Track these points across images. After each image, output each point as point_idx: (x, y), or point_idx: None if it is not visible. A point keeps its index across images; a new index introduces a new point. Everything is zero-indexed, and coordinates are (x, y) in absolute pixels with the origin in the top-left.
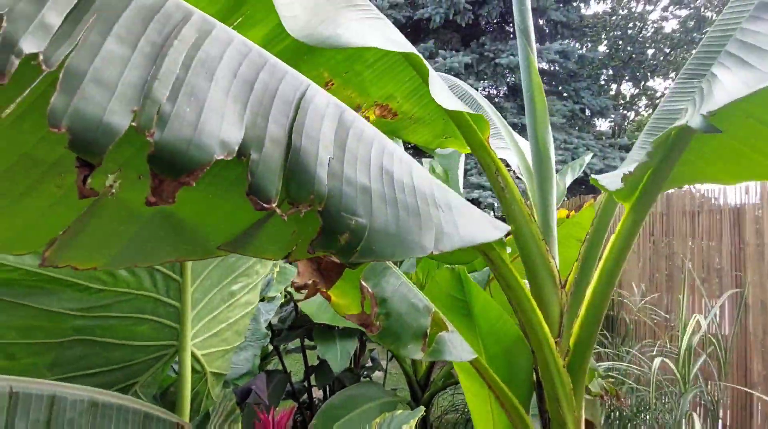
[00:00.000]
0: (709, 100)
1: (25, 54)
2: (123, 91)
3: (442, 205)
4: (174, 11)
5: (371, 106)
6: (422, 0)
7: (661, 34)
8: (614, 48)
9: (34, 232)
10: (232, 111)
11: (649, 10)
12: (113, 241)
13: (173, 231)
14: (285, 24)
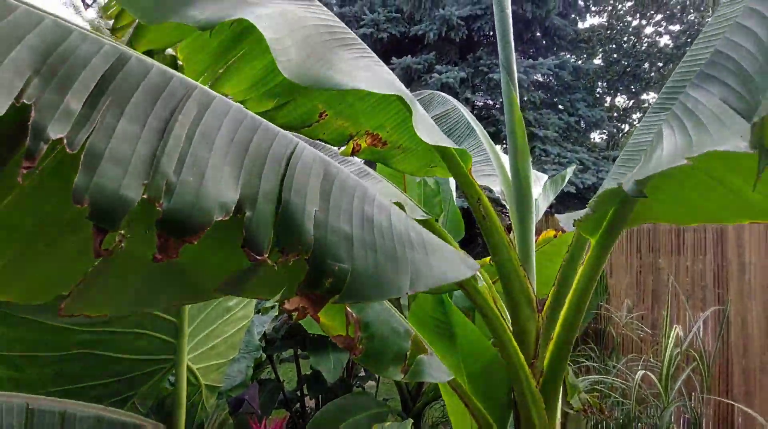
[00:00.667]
0: (647, 164)
1: (52, 139)
2: (135, 166)
3: (417, 247)
4: (178, 87)
5: (363, 135)
6: (419, 15)
7: (656, 48)
8: (609, 61)
9: (52, 284)
10: (229, 174)
11: (644, 24)
12: (121, 290)
13: (175, 278)
14: (280, 66)
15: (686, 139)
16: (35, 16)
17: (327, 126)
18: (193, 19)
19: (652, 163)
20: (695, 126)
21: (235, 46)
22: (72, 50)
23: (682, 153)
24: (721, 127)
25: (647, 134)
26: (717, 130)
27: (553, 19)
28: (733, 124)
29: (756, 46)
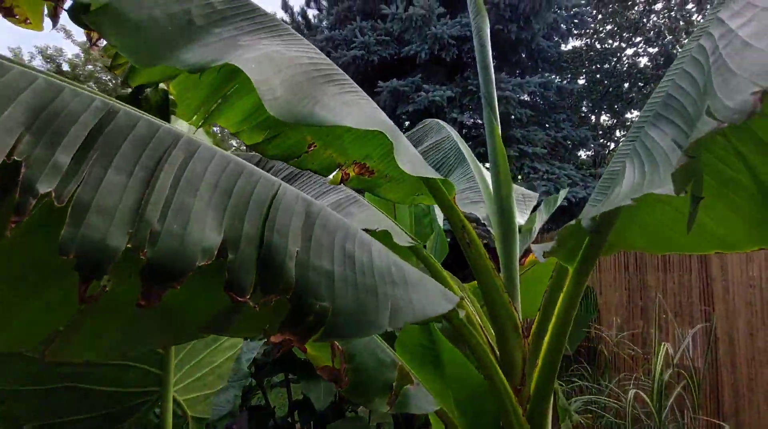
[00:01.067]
0: (605, 201)
1: (41, 194)
2: (121, 215)
3: (398, 282)
4: (165, 137)
5: (351, 165)
6: (408, 37)
7: (635, 68)
8: (592, 81)
9: (36, 330)
10: (213, 218)
11: (623, 47)
12: (105, 334)
13: (159, 320)
14: (266, 106)
15: (641, 178)
16: (29, 75)
17: (316, 157)
18: (183, 63)
19: (608, 200)
20: (651, 165)
21: (227, 83)
22: (63, 107)
23: (633, 192)
24: (668, 168)
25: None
26: (665, 170)
27: (538, 41)
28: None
29: (695, 92)
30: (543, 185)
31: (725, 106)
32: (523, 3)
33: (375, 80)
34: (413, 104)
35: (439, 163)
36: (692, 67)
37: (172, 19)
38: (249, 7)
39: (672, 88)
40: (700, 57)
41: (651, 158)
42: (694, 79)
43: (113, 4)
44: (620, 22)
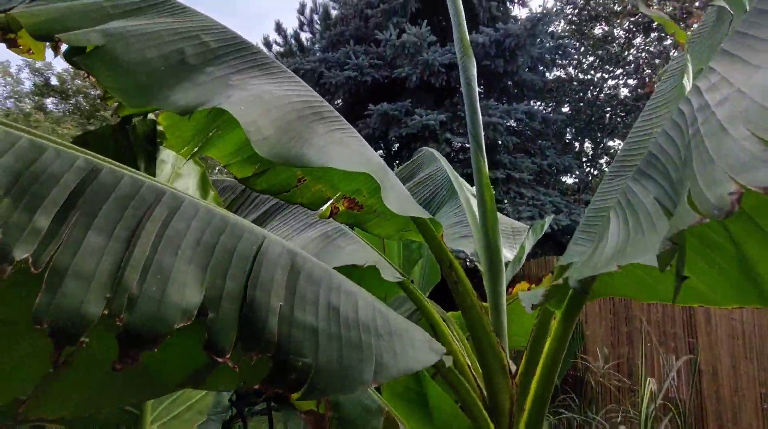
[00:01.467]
0: (590, 259)
1: (17, 261)
2: (99, 280)
3: (383, 334)
4: (148, 194)
5: (340, 199)
6: (400, 62)
7: (616, 99)
8: (575, 110)
9: (9, 387)
10: (194, 277)
11: (605, 77)
12: (80, 389)
13: (136, 377)
14: (254, 147)
15: (625, 235)
16: (12, 136)
17: (305, 191)
18: (173, 105)
19: (594, 259)
20: (634, 221)
21: (218, 117)
22: (45, 167)
23: (618, 254)
24: (652, 230)
25: (604, 201)
26: (649, 232)
27: (521, 74)
28: (662, 228)
29: (677, 157)
30: (528, 210)
31: (706, 199)
32: (508, 39)
33: (367, 101)
34: (406, 128)
35: (431, 195)
36: (674, 131)
37: (165, 59)
38: (241, 45)
39: (654, 146)
40: (680, 121)
41: (635, 215)
42: (676, 144)
43: (108, 46)
44: (602, 55)
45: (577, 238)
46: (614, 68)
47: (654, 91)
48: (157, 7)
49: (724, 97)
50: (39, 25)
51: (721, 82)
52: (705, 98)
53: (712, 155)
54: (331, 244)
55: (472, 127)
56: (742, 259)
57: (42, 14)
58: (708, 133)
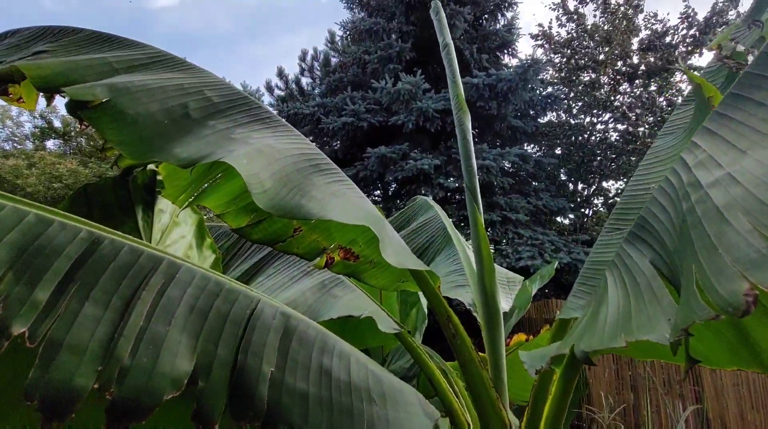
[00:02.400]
0: (593, 325)
1: (14, 335)
2: (91, 351)
3: (376, 398)
4: (146, 263)
5: (336, 249)
6: (396, 108)
7: (606, 143)
8: (567, 152)
9: None
10: (186, 345)
11: (594, 122)
12: None
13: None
14: (255, 199)
15: (626, 303)
16: (20, 212)
17: (301, 241)
18: (175, 158)
19: (597, 325)
20: (633, 288)
21: (214, 169)
22: (49, 241)
23: (622, 324)
24: (654, 301)
25: (602, 255)
26: (651, 303)
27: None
28: (663, 296)
29: (670, 225)
30: (528, 250)
31: (719, 295)
32: (500, 84)
33: (364, 145)
34: (402, 172)
35: (426, 243)
36: (663, 198)
37: (168, 113)
38: (243, 100)
39: (646, 211)
40: (669, 190)
41: (632, 278)
42: (668, 212)
43: (113, 100)
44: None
45: (577, 291)
46: (602, 113)
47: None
48: (161, 63)
49: (716, 179)
50: (45, 78)
51: (709, 161)
52: (694, 174)
53: (714, 242)
54: (328, 293)
55: (468, 179)
56: (737, 325)
57: (48, 67)
58: (706, 216)
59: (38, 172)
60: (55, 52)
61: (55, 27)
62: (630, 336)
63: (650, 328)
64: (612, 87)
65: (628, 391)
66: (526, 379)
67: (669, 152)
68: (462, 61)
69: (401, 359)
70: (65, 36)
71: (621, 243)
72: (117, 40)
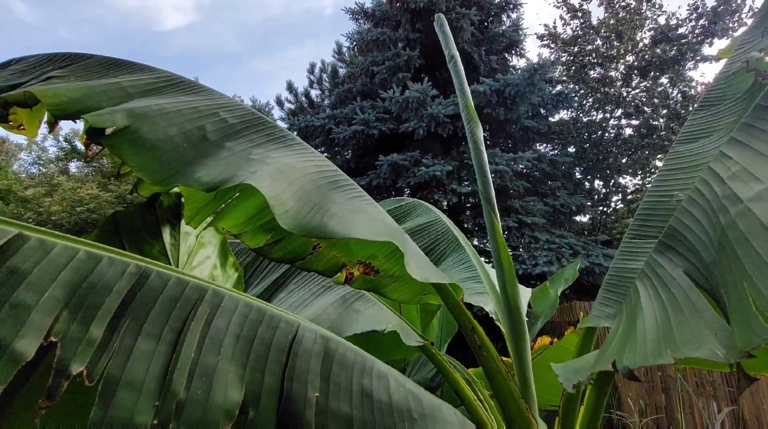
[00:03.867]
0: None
1: (73, 375)
2: (148, 387)
3: (416, 417)
4: (191, 294)
5: (355, 264)
6: (406, 116)
7: (621, 139)
8: (582, 150)
9: None
10: (235, 375)
11: (607, 118)
12: None
13: None
14: (279, 220)
15: (663, 315)
16: (70, 250)
17: (321, 258)
18: (198, 182)
19: (636, 339)
20: (670, 300)
21: (230, 190)
22: (100, 277)
23: (665, 339)
24: (695, 314)
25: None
26: (692, 316)
27: (524, 121)
28: (704, 309)
29: (705, 236)
30: (545, 255)
31: None
32: (508, 89)
33: (375, 153)
34: (414, 178)
35: (428, 247)
36: (694, 208)
37: (187, 136)
38: (259, 120)
39: (676, 222)
40: (701, 202)
41: (667, 290)
42: (701, 224)
43: (132, 126)
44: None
45: (603, 299)
46: (615, 108)
47: (671, 152)
48: (174, 86)
49: (756, 193)
50: (61, 104)
51: (744, 174)
52: (730, 187)
53: (765, 260)
54: (350, 308)
55: (483, 189)
56: None
57: (63, 94)
58: (752, 233)
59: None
60: (66, 78)
61: (63, 53)
62: (677, 352)
63: (697, 343)
64: (623, 82)
65: (659, 394)
66: (552, 384)
67: (694, 160)
68: (471, 65)
69: (422, 369)
70: (74, 62)
71: (651, 253)
72: (127, 65)
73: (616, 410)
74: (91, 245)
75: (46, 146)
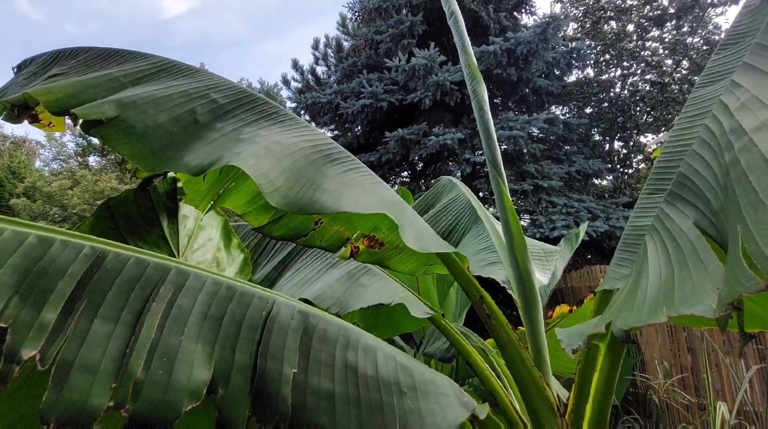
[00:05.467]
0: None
1: (24, 360)
2: (104, 369)
3: (406, 390)
4: (153, 274)
5: (359, 238)
6: (413, 85)
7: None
8: (599, 110)
9: None
10: (202, 353)
11: (625, 74)
12: None
13: None
14: (267, 198)
15: (668, 272)
16: (20, 235)
17: (323, 233)
18: (186, 167)
19: (637, 298)
20: (676, 253)
21: (231, 171)
22: (52, 261)
23: (664, 296)
24: (699, 266)
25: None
26: (696, 269)
27: (537, 81)
28: (709, 261)
29: (712, 179)
30: (563, 220)
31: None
32: (519, 47)
33: (385, 127)
34: (425, 149)
35: (452, 224)
36: (703, 150)
37: (177, 120)
38: (249, 98)
39: (685, 167)
40: (710, 141)
41: (674, 243)
42: (710, 167)
43: (121, 116)
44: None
45: (618, 259)
46: (632, 64)
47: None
48: (165, 71)
49: (762, 122)
50: (58, 101)
51: (753, 102)
52: (737, 119)
53: (762, 198)
54: (356, 283)
55: (489, 153)
56: None
57: (58, 90)
58: (751, 167)
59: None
60: (66, 74)
61: (66, 49)
62: (672, 309)
63: (696, 299)
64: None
65: (685, 354)
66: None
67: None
68: (480, 25)
69: (438, 340)
70: (75, 57)
71: (660, 205)
72: (122, 54)
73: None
74: (43, 229)
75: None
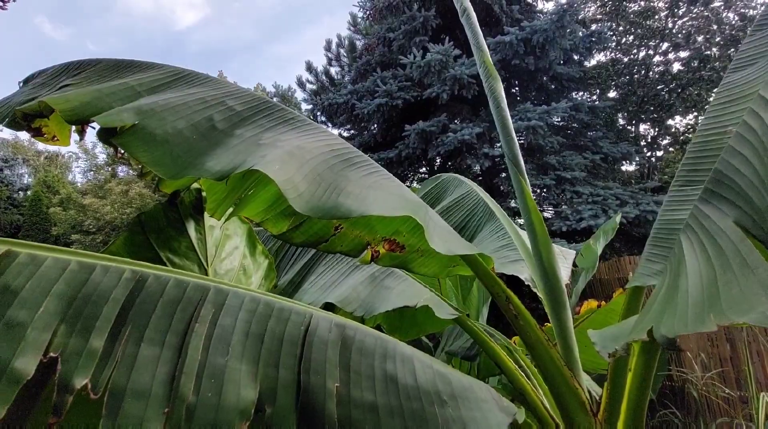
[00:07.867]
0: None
1: (77, 389)
2: (155, 393)
3: (447, 400)
4: (193, 294)
5: (380, 242)
6: (428, 81)
7: (669, 75)
8: (625, 93)
9: None
10: (247, 373)
11: (651, 54)
12: None
13: None
14: (292, 204)
15: (710, 275)
16: (61, 262)
17: (344, 238)
18: (208, 172)
19: (678, 302)
20: (717, 255)
21: (248, 178)
22: (95, 287)
23: (709, 302)
24: (744, 268)
25: (676, 212)
26: (742, 273)
27: (556, 68)
28: (756, 263)
29: (754, 177)
30: (589, 209)
31: None
32: (535, 36)
33: (401, 123)
34: (443, 146)
35: (464, 220)
36: (743, 146)
37: (195, 127)
38: (266, 105)
39: (722, 164)
40: (750, 137)
41: (714, 243)
42: (748, 160)
43: (141, 123)
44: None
45: (649, 255)
46: (660, 43)
47: (722, 83)
48: (180, 80)
49: None
50: (74, 110)
51: None
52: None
53: None
54: (380, 285)
55: (508, 150)
56: None
57: (74, 99)
58: None
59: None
60: (79, 84)
61: (76, 61)
62: (722, 317)
63: (746, 305)
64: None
65: (723, 343)
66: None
67: (750, 88)
68: (492, 17)
69: (459, 339)
70: (86, 68)
71: (696, 202)
72: (136, 65)
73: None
74: (82, 255)
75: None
